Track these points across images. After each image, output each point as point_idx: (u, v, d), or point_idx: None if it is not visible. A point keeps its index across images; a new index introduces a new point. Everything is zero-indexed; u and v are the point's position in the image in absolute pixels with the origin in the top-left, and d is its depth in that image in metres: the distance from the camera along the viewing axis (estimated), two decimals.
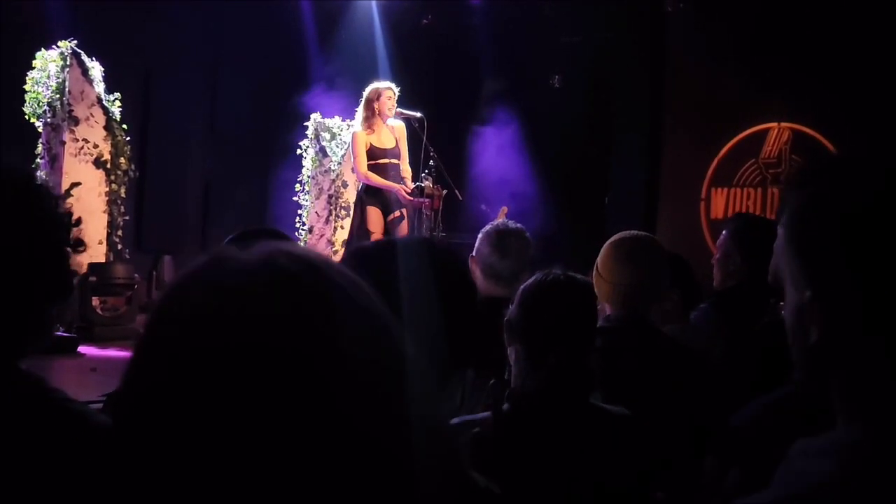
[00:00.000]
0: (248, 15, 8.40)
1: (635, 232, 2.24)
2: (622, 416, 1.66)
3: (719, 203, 8.09)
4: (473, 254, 2.57)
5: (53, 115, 6.53)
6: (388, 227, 5.65)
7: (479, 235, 2.60)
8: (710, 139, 8.11)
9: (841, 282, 0.75)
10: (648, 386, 1.89)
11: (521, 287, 1.74)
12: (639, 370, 1.95)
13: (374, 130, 5.63)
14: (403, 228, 5.67)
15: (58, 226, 0.99)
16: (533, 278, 1.73)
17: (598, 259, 2.19)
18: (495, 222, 2.69)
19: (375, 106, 5.61)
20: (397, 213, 5.64)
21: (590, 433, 1.60)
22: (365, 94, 5.72)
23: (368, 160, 5.58)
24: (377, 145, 5.62)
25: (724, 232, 2.96)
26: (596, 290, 2.12)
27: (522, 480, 1.48)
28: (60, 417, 0.95)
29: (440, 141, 6.07)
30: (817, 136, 7.67)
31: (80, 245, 1.02)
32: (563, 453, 1.56)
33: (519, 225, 2.67)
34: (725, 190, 8.07)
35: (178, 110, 8.83)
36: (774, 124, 7.90)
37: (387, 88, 5.67)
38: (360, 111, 5.71)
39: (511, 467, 1.47)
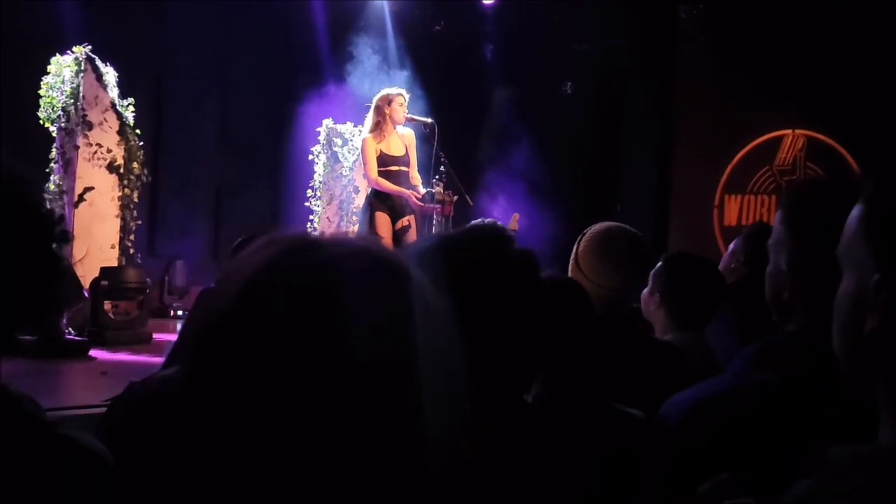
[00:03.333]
0: (260, 20, 8.43)
1: (619, 226, 2.13)
2: (640, 419, 1.64)
3: (733, 210, 8.04)
4: None
5: (67, 120, 6.57)
6: (397, 235, 5.64)
7: None
8: (724, 146, 8.07)
9: None
10: (633, 386, 1.84)
11: None
12: (622, 370, 1.90)
13: (384, 137, 5.61)
14: (412, 236, 5.65)
15: (41, 221, 0.98)
16: None
17: (580, 254, 2.08)
18: (475, 224, 2.63)
19: (387, 111, 5.59)
20: (405, 222, 5.62)
21: (610, 436, 1.57)
22: (375, 100, 5.70)
23: (378, 167, 5.56)
24: (387, 152, 5.60)
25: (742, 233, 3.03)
26: None
27: (541, 484, 1.46)
28: (34, 437, 0.92)
29: (451, 146, 6.06)
30: (832, 143, 7.61)
31: (65, 238, 1.01)
32: (583, 457, 1.54)
33: (497, 222, 2.62)
34: (739, 197, 8.02)
35: (191, 115, 8.87)
36: (789, 131, 7.85)
37: (398, 94, 5.65)
38: (369, 117, 5.70)
39: (531, 471, 1.45)
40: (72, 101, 6.53)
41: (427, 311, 0.59)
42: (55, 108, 6.55)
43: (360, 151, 5.78)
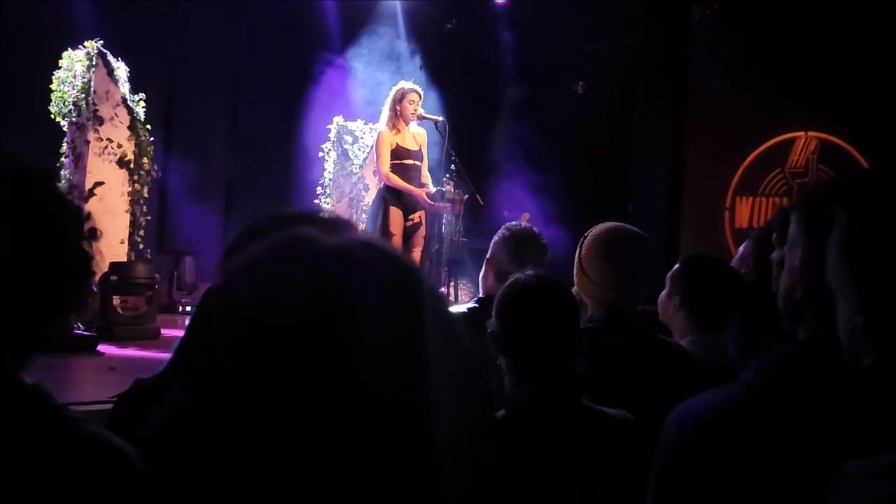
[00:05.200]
0: (272, 17, 8.44)
1: (621, 226, 2.14)
2: (622, 419, 1.62)
3: (744, 212, 7.99)
4: (489, 256, 2.54)
5: (79, 115, 6.58)
6: (407, 231, 5.63)
7: (496, 238, 2.57)
8: (736, 148, 8.03)
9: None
10: (638, 387, 1.83)
11: (497, 297, 1.67)
12: (627, 371, 1.89)
13: (399, 131, 5.61)
14: (421, 233, 5.65)
15: (71, 218, 0.98)
16: (504, 286, 1.67)
17: (583, 254, 2.09)
18: (512, 227, 2.65)
19: (398, 108, 5.59)
20: (415, 218, 5.61)
21: (586, 437, 1.57)
22: (391, 92, 5.70)
23: (393, 160, 5.56)
24: (402, 145, 5.60)
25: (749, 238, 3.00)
26: (577, 283, 2.06)
27: (521, 487, 1.45)
28: (63, 434, 0.91)
29: (462, 145, 6.04)
30: (845, 145, 7.56)
31: (94, 235, 1.01)
32: (559, 459, 1.53)
33: (535, 228, 2.64)
34: (750, 199, 7.98)
35: (202, 111, 8.88)
36: (801, 133, 7.80)
37: (411, 90, 5.63)
38: (385, 110, 5.69)
39: (509, 473, 1.44)
40: (83, 95, 6.55)
41: (436, 311, 0.58)
42: (66, 103, 6.56)
43: (375, 144, 5.77)
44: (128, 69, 6.78)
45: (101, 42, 6.64)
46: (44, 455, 0.89)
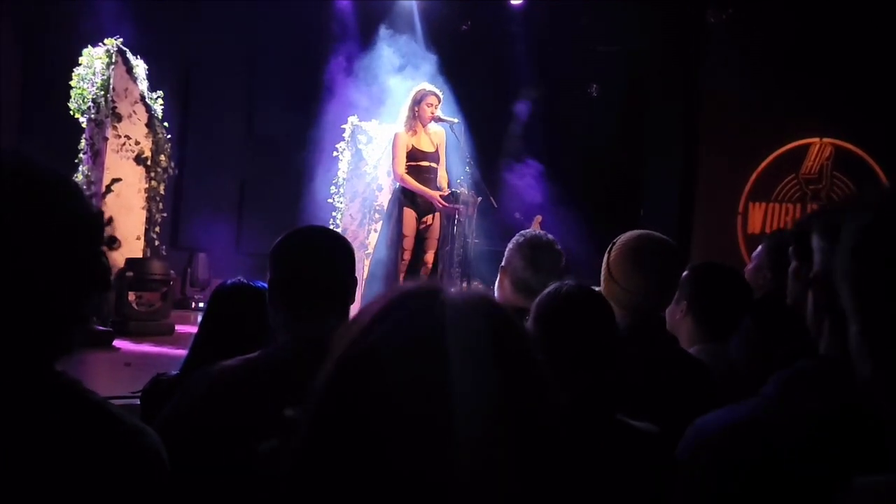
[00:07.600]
0: (288, 17, 8.49)
1: (650, 234, 2.15)
2: (648, 432, 1.63)
3: (757, 218, 7.97)
4: (503, 265, 2.52)
5: (97, 112, 6.65)
6: (420, 233, 5.66)
7: (510, 246, 2.53)
8: (749, 153, 8.01)
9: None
10: (660, 399, 1.83)
11: (535, 302, 1.68)
12: (650, 382, 1.89)
13: (415, 133, 5.62)
14: (433, 235, 5.67)
15: (90, 224, 1.00)
16: (545, 292, 1.68)
17: (611, 259, 2.11)
18: (526, 233, 2.61)
19: (416, 109, 5.61)
20: (427, 220, 5.64)
21: (615, 450, 1.57)
22: (411, 93, 5.72)
23: (409, 161, 5.57)
24: (418, 147, 5.62)
25: (761, 245, 2.94)
26: (604, 289, 2.06)
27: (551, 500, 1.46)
28: (97, 420, 0.96)
29: (476, 147, 6.06)
30: (860, 152, 7.52)
31: (113, 242, 1.03)
32: (590, 471, 1.53)
33: (550, 235, 2.61)
34: (763, 205, 7.95)
35: (218, 109, 8.95)
36: (816, 139, 7.77)
37: (431, 93, 5.64)
38: (404, 110, 5.70)
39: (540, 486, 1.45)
40: (102, 92, 6.62)
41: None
42: (85, 100, 6.64)
43: (391, 145, 5.79)
44: (146, 67, 6.85)
45: (121, 40, 6.71)
46: (82, 435, 0.94)
